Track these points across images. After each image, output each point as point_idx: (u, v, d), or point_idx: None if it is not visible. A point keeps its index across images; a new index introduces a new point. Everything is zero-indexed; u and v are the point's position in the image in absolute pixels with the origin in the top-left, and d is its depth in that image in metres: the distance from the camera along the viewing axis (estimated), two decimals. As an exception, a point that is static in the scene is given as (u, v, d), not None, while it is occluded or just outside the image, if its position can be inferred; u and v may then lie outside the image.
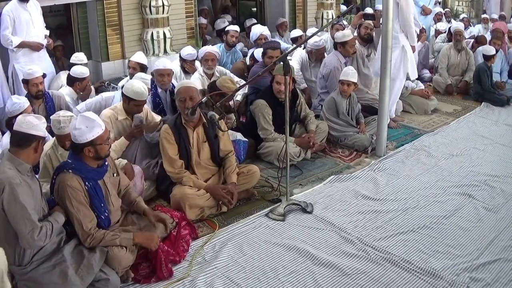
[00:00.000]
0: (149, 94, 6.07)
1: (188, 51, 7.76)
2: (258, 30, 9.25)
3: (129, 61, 7.67)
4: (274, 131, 6.25)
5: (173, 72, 6.75)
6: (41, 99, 6.30)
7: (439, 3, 14.99)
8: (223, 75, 7.28)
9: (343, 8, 13.27)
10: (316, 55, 8.20)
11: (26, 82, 6.27)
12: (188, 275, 4.16)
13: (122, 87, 6.00)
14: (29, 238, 3.60)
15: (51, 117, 4.79)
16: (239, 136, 6.21)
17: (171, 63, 6.91)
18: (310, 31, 10.30)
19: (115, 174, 4.36)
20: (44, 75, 6.48)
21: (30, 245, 3.65)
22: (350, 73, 6.68)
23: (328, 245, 4.57)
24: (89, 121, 3.96)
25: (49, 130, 4.58)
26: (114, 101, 6.40)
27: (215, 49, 7.81)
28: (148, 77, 6.53)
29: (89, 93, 7.11)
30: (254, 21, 11.21)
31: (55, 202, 4.02)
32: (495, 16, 14.48)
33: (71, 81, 7.07)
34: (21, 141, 3.73)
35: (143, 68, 7.32)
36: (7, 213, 3.57)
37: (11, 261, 3.71)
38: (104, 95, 6.69)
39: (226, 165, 5.36)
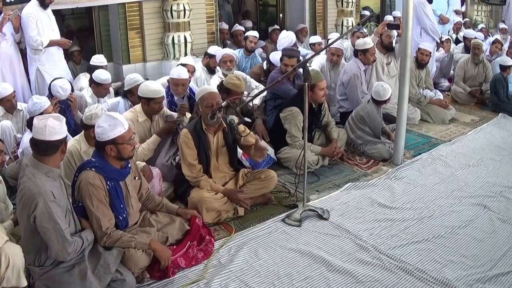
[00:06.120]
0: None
1: (215, 48, 8.08)
2: (293, 38, 9.02)
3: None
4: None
5: (189, 80, 6.75)
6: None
7: (462, 13, 14.87)
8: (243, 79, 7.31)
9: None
10: (331, 50, 8.05)
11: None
12: (203, 278, 4.20)
13: (124, 94, 6.43)
14: (59, 252, 3.63)
15: (85, 112, 4.90)
16: (270, 152, 6.12)
17: (187, 70, 6.81)
18: (332, 35, 10.39)
19: (136, 177, 4.40)
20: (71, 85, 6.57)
21: (59, 258, 3.69)
22: (386, 93, 6.67)
23: (343, 252, 4.60)
24: (112, 119, 3.99)
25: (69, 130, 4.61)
26: (119, 107, 6.54)
27: (233, 51, 7.91)
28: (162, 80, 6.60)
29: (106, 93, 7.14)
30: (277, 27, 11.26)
31: (80, 211, 4.01)
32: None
33: (91, 82, 7.02)
34: (48, 149, 3.66)
35: None
36: (39, 228, 3.57)
37: (30, 262, 3.74)
38: (109, 101, 6.80)
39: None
